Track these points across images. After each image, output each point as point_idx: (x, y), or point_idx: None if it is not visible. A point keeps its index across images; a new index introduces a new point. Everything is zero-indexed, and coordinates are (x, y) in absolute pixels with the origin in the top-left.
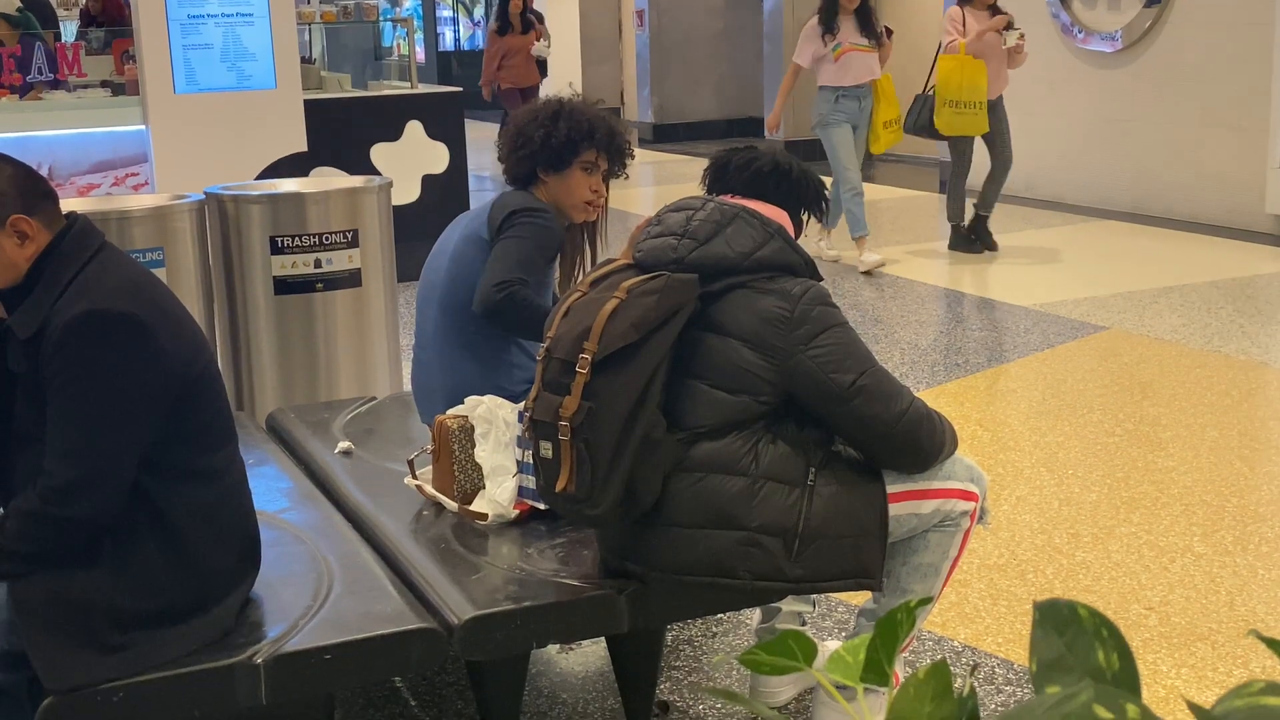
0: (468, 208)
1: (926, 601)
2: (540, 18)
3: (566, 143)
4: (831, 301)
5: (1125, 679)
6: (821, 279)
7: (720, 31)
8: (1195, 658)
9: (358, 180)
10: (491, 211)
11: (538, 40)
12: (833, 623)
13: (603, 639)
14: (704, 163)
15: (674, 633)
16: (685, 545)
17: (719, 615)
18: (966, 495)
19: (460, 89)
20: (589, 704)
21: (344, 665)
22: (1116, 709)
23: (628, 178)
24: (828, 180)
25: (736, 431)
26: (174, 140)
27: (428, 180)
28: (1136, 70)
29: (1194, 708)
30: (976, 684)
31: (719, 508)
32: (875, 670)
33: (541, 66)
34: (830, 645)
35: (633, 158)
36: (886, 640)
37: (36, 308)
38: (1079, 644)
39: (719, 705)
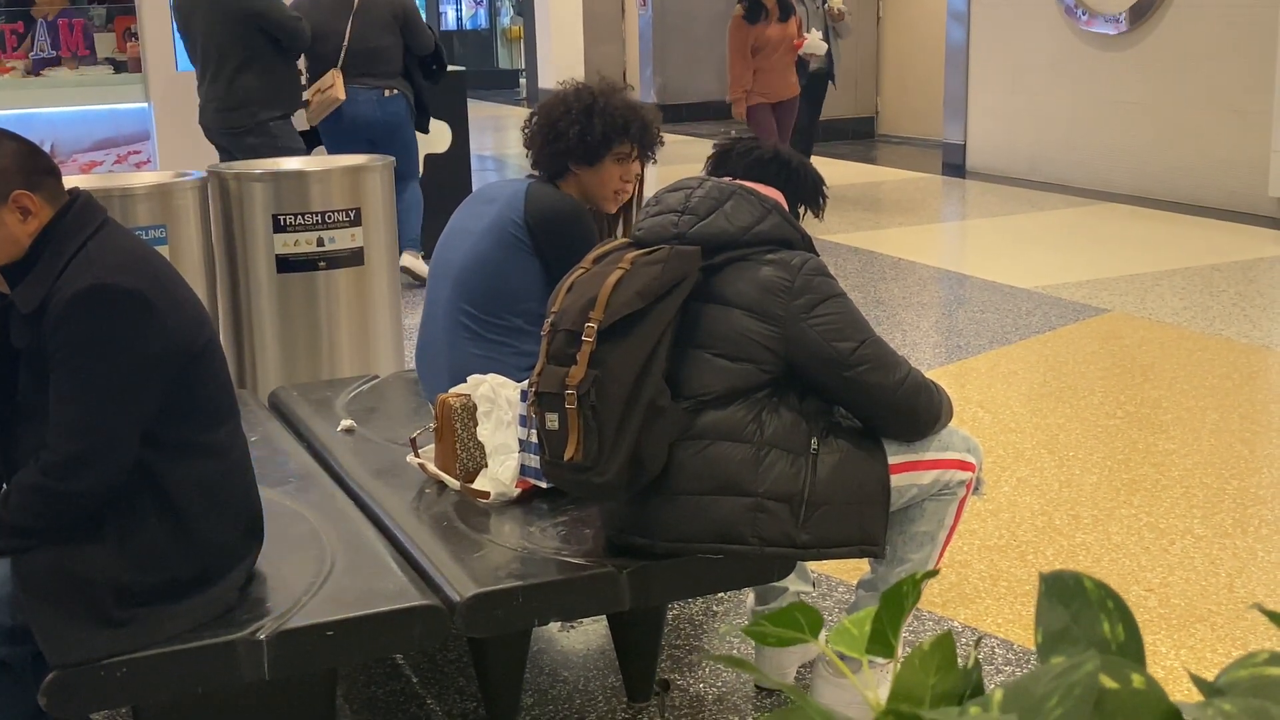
0: (470, 188)
1: (931, 575)
2: None
3: (601, 139)
4: (829, 273)
5: (1130, 650)
6: (817, 254)
7: (723, 12)
8: (1194, 639)
9: (360, 159)
10: (528, 207)
11: (802, 31)
12: (833, 603)
13: (604, 617)
14: (706, 143)
15: (674, 611)
16: (693, 513)
17: (718, 595)
18: (964, 465)
19: (464, 68)
20: (590, 681)
21: (346, 641)
22: (1122, 678)
23: (655, 163)
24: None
25: (740, 400)
26: (176, 118)
27: (431, 160)
28: (1140, 53)
29: (1197, 680)
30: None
31: (726, 475)
32: (880, 642)
33: (802, 69)
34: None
35: (662, 144)
36: (892, 612)
37: (39, 283)
38: (1084, 615)
39: (718, 683)
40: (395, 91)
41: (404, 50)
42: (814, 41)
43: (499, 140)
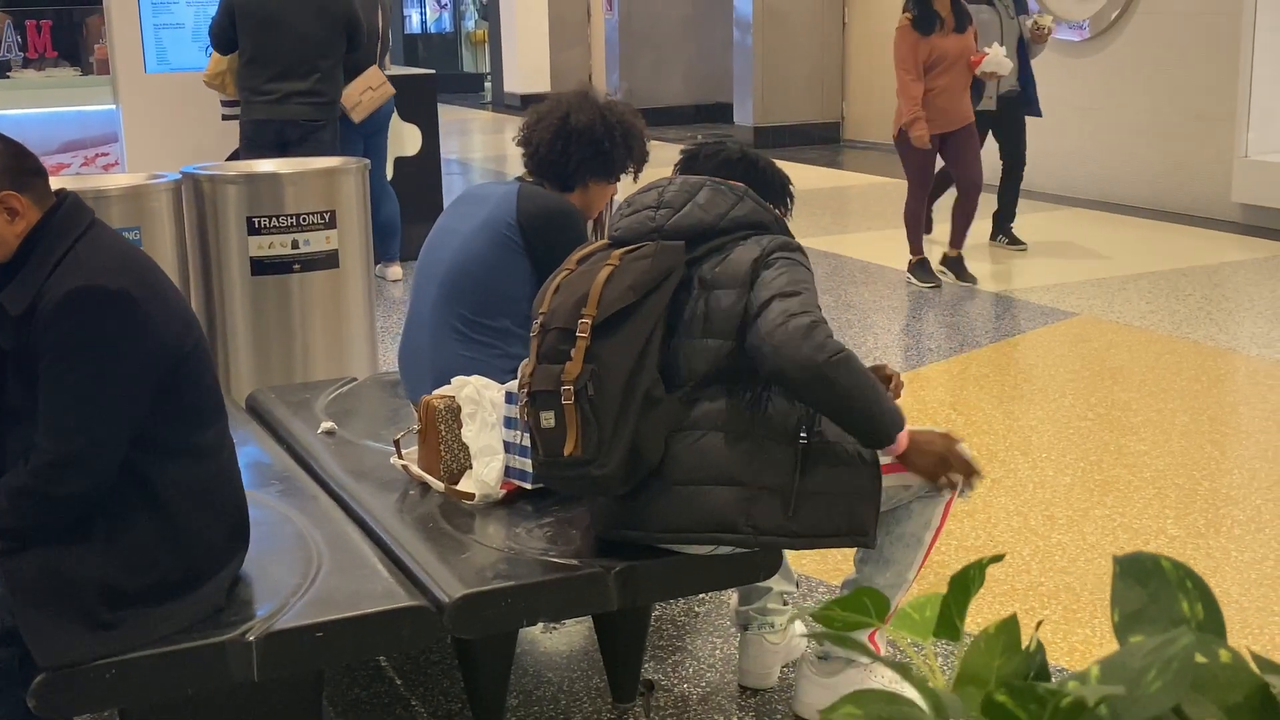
0: (441, 191)
1: (997, 559)
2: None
3: (625, 157)
4: (801, 250)
5: (1211, 626)
6: (792, 236)
7: (689, 17)
8: None
9: (334, 161)
10: (521, 207)
11: (978, 43)
12: (814, 602)
13: (589, 618)
14: (672, 148)
15: (656, 612)
16: (687, 503)
17: (700, 595)
18: None
19: (433, 70)
20: (574, 682)
21: (335, 643)
22: (1210, 653)
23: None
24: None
25: (730, 393)
26: (145, 120)
27: (401, 163)
28: (1104, 60)
29: (1260, 659)
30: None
31: (719, 465)
32: (947, 626)
33: (976, 92)
34: (798, 627)
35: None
36: (958, 597)
37: (28, 284)
38: (1162, 595)
39: (702, 683)
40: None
41: None
42: (996, 58)
43: (464, 144)
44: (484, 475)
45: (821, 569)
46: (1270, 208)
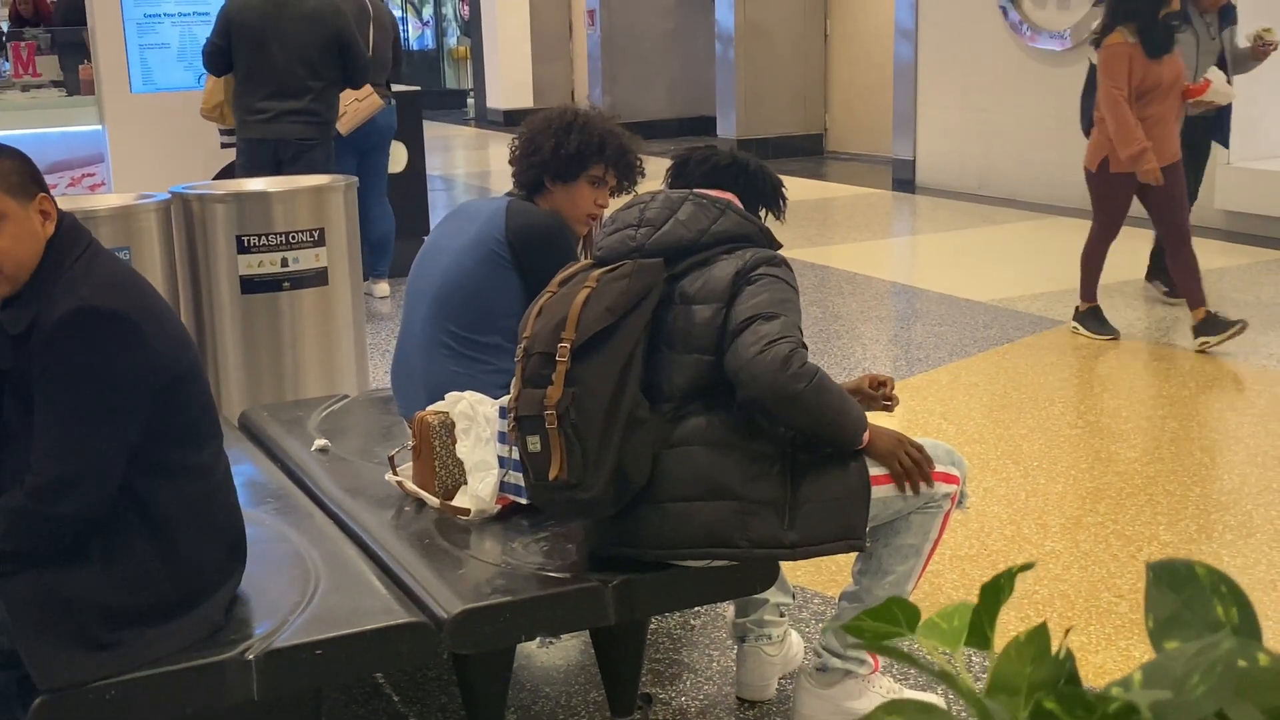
0: (427, 208)
1: (1026, 567)
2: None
3: (576, 155)
4: (785, 264)
5: (1248, 631)
6: (780, 246)
7: (672, 31)
8: None
9: (323, 179)
10: (509, 223)
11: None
12: (809, 614)
13: (586, 633)
14: (655, 162)
15: (653, 626)
16: (681, 519)
17: (697, 608)
18: (948, 479)
19: (419, 87)
20: (572, 697)
21: (335, 660)
22: (1249, 657)
23: (636, 194)
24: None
25: (715, 407)
26: (131, 140)
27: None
28: (1085, 69)
29: None
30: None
31: (710, 479)
32: (978, 635)
33: (1189, 122)
34: (797, 638)
35: (643, 175)
36: (989, 605)
37: (28, 303)
38: (1197, 601)
39: (700, 696)
40: (394, 100)
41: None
42: (1221, 88)
43: (447, 160)
44: (479, 490)
45: (816, 580)
46: (1253, 214)
